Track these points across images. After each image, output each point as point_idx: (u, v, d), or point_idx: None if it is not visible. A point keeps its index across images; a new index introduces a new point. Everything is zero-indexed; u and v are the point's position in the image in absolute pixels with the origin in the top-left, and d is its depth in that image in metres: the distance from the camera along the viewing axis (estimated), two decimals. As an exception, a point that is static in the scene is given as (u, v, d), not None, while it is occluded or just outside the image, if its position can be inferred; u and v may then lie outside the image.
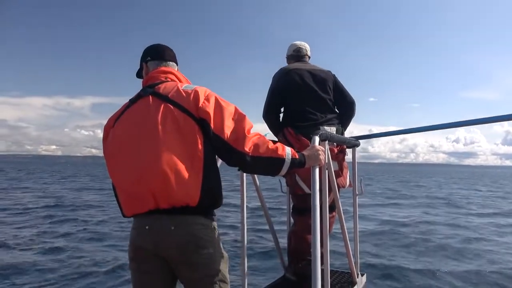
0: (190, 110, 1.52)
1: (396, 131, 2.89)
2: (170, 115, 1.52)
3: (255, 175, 2.44)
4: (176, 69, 1.82)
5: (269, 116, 2.79)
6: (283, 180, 2.84)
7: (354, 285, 2.54)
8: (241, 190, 2.39)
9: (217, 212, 1.64)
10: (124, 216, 1.61)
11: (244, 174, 2.34)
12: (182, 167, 1.46)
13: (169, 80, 1.71)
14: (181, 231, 1.48)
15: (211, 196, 1.53)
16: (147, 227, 1.50)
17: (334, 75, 2.81)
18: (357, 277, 2.59)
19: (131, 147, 1.53)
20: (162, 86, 1.64)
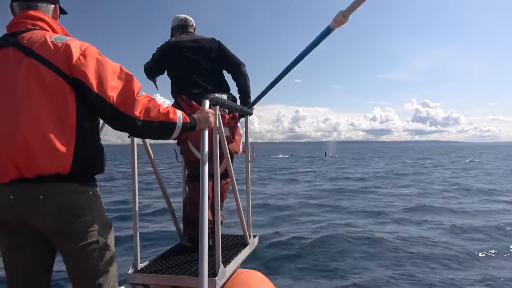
0: (59, 67, 1.34)
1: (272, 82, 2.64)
2: (35, 73, 1.34)
3: (147, 143, 2.38)
4: (50, 13, 1.55)
5: (147, 74, 3.03)
6: (178, 149, 2.83)
7: (246, 245, 2.65)
8: (132, 156, 2.31)
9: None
10: None
11: (135, 139, 2.27)
12: (48, 133, 1.31)
13: (38, 28, 1.46)
14: (52, 200, 1.35)
15: (87, 162, 1.41)
16: (11, 197, 1.36)
17: (218, 41, 2.84)
18: (249, 238, 2.70)
19: None
20: (27, 35, 1.40)
